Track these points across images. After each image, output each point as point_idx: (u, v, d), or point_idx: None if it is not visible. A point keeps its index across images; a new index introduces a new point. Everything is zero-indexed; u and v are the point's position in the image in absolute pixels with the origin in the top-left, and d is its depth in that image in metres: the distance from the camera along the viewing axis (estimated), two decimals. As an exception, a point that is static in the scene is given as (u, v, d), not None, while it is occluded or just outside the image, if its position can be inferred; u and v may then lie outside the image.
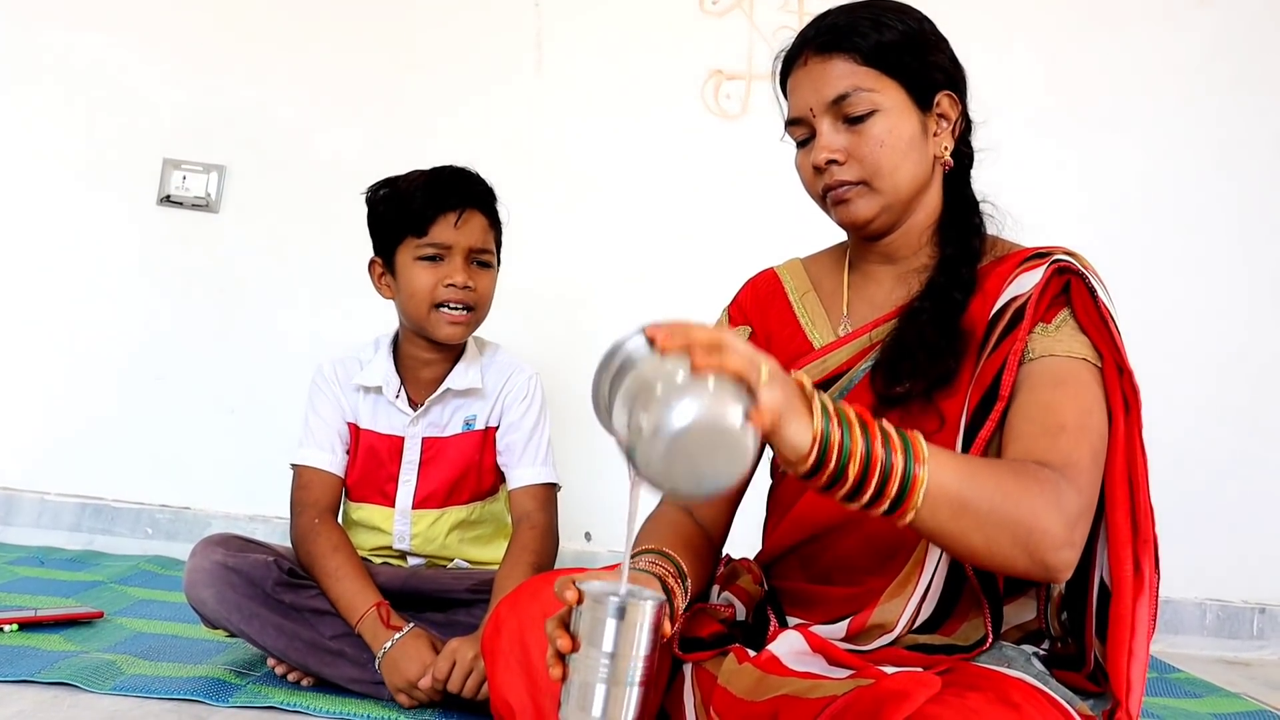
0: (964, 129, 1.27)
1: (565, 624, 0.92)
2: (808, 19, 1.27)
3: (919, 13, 1.25)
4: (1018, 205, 1.29)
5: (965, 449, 1.13)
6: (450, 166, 1.81)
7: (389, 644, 1.62)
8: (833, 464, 0.90)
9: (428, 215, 1.73)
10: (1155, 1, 2.83)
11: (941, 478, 0.94)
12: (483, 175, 1.83)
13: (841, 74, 1.20)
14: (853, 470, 0.91)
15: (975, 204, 1.27)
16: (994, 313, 1.16)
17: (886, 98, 1.20)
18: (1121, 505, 1.10)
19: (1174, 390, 2.63)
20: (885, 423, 0.95)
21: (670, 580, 1.11)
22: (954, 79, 1.25)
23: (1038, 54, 2.77)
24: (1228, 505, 2.70)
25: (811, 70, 1.22)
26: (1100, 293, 1.14)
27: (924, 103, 1.22)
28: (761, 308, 1.37)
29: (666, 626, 0.93)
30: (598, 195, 2.80)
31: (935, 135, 1.24)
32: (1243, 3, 2.83)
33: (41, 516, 2.71)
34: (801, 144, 1.27)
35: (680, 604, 1.12)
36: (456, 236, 1.74)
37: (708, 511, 1.31)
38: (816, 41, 1.22)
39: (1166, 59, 2.82)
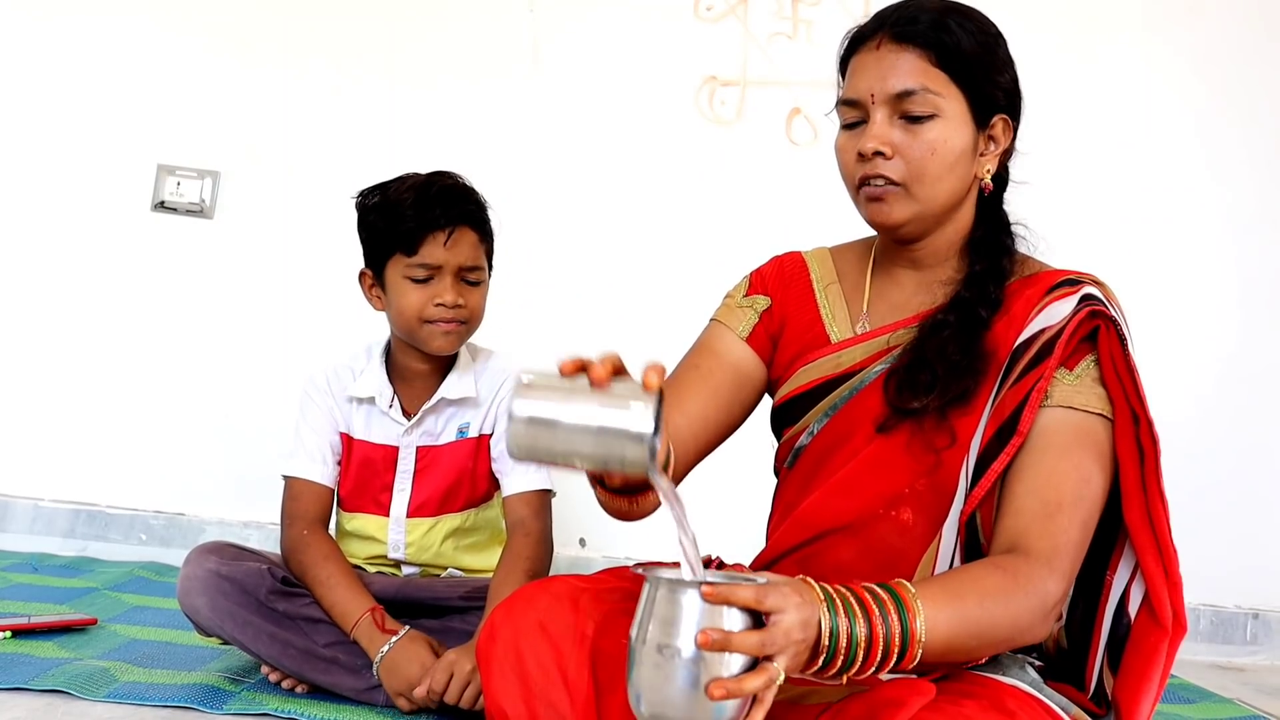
0: (1007, 153, 1.26)
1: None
2: (803, 25, 1.26)
3: (997, 28, 1.24)
4: (1020, 218, 1.29)
5: (976, 478, 1.13)
6: (441, 178, 1.76)
7: (386, 647, 1.62)
8: (840, 662, 0.93)
9: (417, 235, 1.70)
10: (1146, 9, 2.84)
11: (934, 633, 0.96)
12: (473, 184, 1.79)
13: (913, 69, 1.17)
14: (854, 670, 0.94)
15: (1008, 224, 1.26)
16: (1020, 342, 1.16)
17: (949, 105, 1.17)
18: (1149, 551, 1.12)
19: (1166, 397, 2.62)
20: (872, 587, 0.97)
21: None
22: (1013, 103, 1.24)
23: (1027, 62, 2.78)
24: (1221, 511, 2.71)
25: (883, 56, 1.18)
26: (1129, 341, 1.14)
27: (981, 120, 1.20)
28: (784, 285, 1.35)
29: (617, 480, 1.00)
30: (593, 201, 2.80)
31: (982, 155, 1.22)
32: (1233, 10, 2.84)
33: (35, 522, 2.70)
34: (848, 126, 1.23)
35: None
36: (446, 256, 1.71)
37: (679, 453, 1.27)
38: (895, 29, 1.18)
39: (1157, 66, 2.83)
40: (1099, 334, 1.15)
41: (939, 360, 1.16)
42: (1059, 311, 1.15)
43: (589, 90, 2.82)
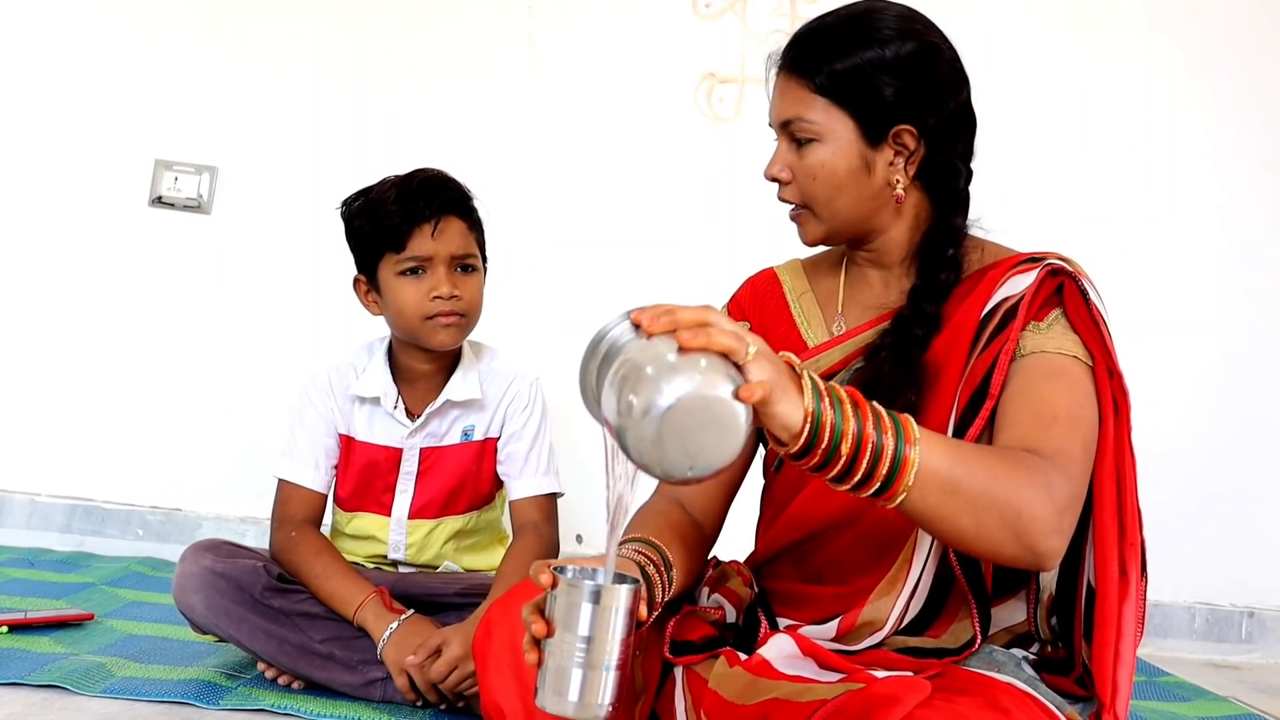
0: (959, 156, 1.23)
1: (541, 610, 0.92)
2: (800, 22, 1.26)
3: (901, 33, 1.19)
4: (1008, 212, 1.29)
5: None
6: (421, 172, 1.75)
7: (395, 624, 1.63)
8: (825, 443, 0.89)
9: (403, 229, 1.69)
10: (1145, 7, 2.84)
11: (932, 459, 0.94)
12: (456, 176, 1.78)
13: (792, 99, 1.22)
14: (845, 449, 0.90)
15: (956, 234, 1.23)
16: (985, 313, 1.16)
17: (829, 129, 1.19)
18: (1108, 507, 1.11)
19: (1163, 395, 2.64)
20: (876, 404, 0.94)
21: (651, 569, 1.10)
22: (920, 109, 1.19)
23: (1027, 59, 2.78)
24: (1217, 509, 2.71)
25: (776, 85, 1.25)
26: (1093, 295, 1.15)
27: (874, 136, 1.19)
28: (759, 305, 1.37)
29: (643, 611, 0.93)
30: (592, 199, 2.79)
31: (890, 166, 1.21)
32: (1232, 8, 2.84)
33: (32, 518, 2.70)
34: None
35: (661, 594, 1.11)
36: (436, 247, 1.70)
37: (701, 503, 1.30)
38: (784, 57, 1.24)
39: (1157, 65, 2.83)
40: (1064, 290, 1.16)
41: (877, 383, 1.16)
42: (1022, 282, 1.16)
43: (587, 87, 2.81)
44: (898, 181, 1.22)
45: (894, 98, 1.19)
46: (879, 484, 0.93)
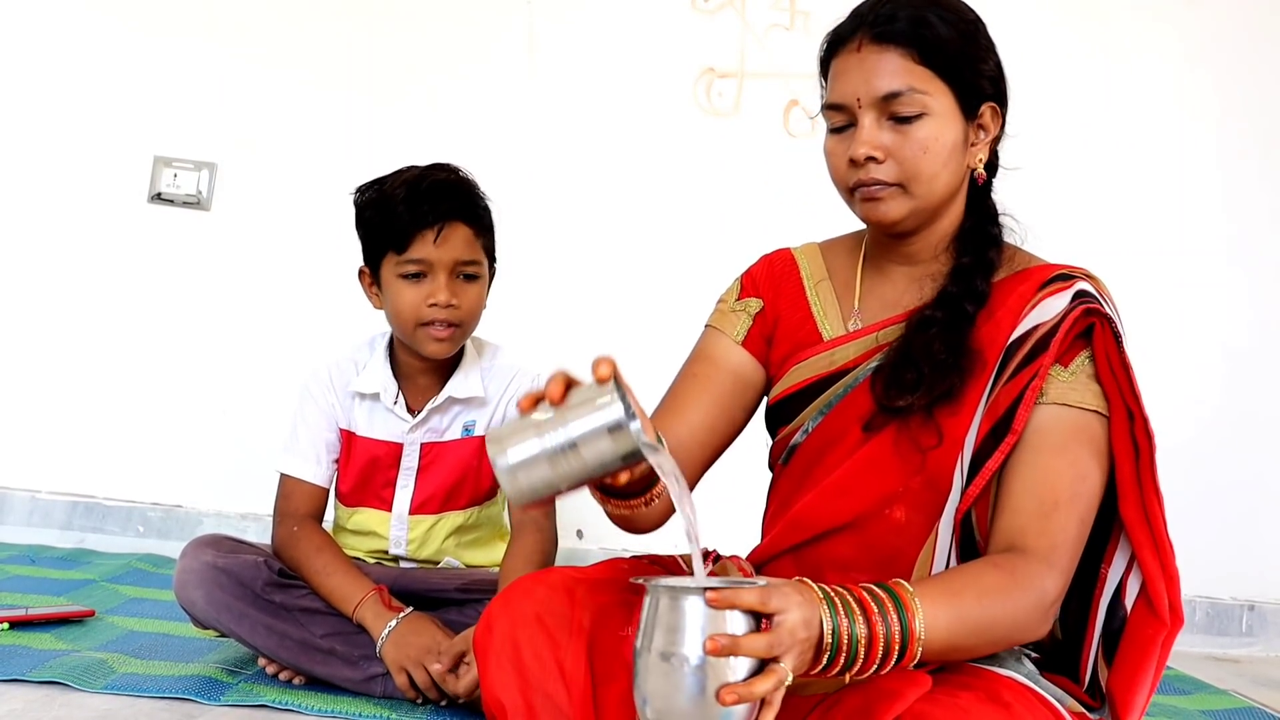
0: (996, 140, 1.24)
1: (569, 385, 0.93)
2: (800, 17, 1.25)
3: (975, 13, 1.21)
4: (1009, 207, 1.28)
5: (971, 476, 1.13)
6: (434, 173, 1.73)
7: (394, 622, 1.63)
8: (836, 669, 0.94)
9: (407, 231, 1.67)
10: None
11: (935, 633, 0.97)
12: (471, 177, 1.76)
13: (896, 70, 1.14)
14: (856, 670, 0.95)
15: (996, 215, 1.25)
16: (1014, 339, 1.15)
17: (937, 101, 1.15)
18: (1146, 546, 1.12)
19: (1164, 390, 2.63)
20: (879, 597, 0.97)
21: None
22: (1000, 90, 1.22)
23: (1025, 52, 2.78)
24: (1218, 503, 2.71)
25: (865, 58, 1.16)
26: (1123, 339, 1.14)
27: (969, 111, 1.18)
28: (775, 285, 1.34)
29: (623, 477, 0.96)
30: (590, 194, 2.79)
31: (973, 145, 1.20)
32: (1232, 1, 2.84)
33: (32, 515, 2.70)
34: (836, 129, 1.21)
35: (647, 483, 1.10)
36: (438, 254, 1.68)
37: (682, 455, 1.26)
38: (875, 29, 1.16)
39: (1156, 57, 2.83)
40: (1094, 331, 1.14)
41: (925, 358, 1.15)
42: (1053, 307, 1.14)
43: (586, 82, 2.81)
44: (980, 160, 1.22)
45: (985, 75, 1.19)
46: (891, 664, 0.97)
